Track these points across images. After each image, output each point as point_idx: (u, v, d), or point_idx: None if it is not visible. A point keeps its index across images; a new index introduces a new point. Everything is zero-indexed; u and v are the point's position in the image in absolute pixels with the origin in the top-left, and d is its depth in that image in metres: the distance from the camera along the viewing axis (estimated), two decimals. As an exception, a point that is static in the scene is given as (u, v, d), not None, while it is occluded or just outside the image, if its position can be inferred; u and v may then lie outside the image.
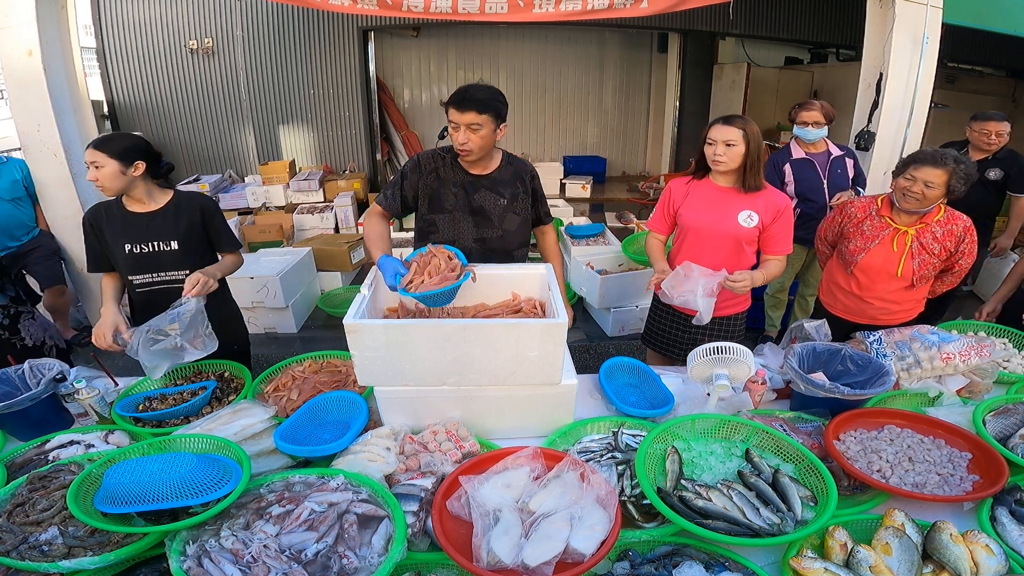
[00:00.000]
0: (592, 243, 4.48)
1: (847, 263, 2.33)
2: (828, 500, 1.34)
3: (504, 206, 2.12)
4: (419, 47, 7.80)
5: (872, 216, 2.29)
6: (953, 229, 2.20)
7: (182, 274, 2.10)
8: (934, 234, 2.20)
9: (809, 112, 3.22)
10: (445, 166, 2.10)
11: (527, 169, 2.19)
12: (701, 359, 1.77)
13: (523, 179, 2.16)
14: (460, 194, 2.09)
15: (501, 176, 2.12)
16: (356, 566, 1.18)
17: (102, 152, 1.96)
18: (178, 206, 2.11)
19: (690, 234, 2.23)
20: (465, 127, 1.92)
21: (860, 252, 2.28)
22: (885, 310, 2.33)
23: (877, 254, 2.25)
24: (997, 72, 7.64)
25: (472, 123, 1.91)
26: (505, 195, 2.12)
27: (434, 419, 1.67)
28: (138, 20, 6.34)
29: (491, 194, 2.10)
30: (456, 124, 1.93)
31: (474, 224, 2.12)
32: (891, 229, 2.24)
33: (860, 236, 2.29)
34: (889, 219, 2.25)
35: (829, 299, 2.48)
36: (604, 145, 8.93)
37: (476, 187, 2.09)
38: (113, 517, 1.29)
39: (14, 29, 3.01)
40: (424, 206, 2.13)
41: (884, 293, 2.30)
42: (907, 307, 2.35)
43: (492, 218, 2.12)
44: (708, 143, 2.11)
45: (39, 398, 1.73)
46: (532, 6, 3.56)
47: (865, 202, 2.34)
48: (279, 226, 5.34)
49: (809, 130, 3.23)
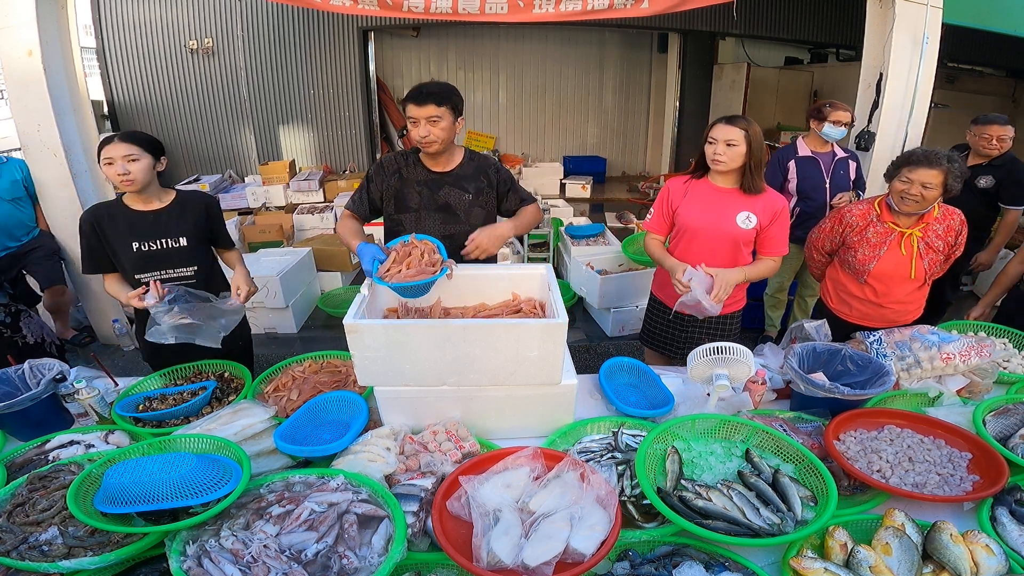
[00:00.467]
0: (592, 243, 4.48)
1: (858, 273, 2.30)
2: (828, 500, 1.34)
3: (469, 201, 2.16)
4: (419, 47, 7.80)
5: (874, 222, 2.26)
6: (951, 224, 2.22)
7: (190, 270, 2.13)
8: (936, 232, 2.21)
9: (843, 112, 3.22)
10: (408, 166, 2.14)
11: (490, 163, 2.22)
12: (701, 359, 1.77)
13: (486, 172, 2.19)
14: (424, 192, 2.13)
15: (464, 172, 2.15)
16: (356, 566, 1.18)
17: (137, 146, 1.97)
18: (183, 204, 2.14)
19: (687, 234, 2.23)
20: (425, 120, 1.96)
21: (871, 261, 2.25)
22: (902, 312, 2.34)
23: (888, 260, 2.23)
24: (997, 72, 7.64)
25: (431, 116, 1.95)
26: (470, 190, 2.15)
27: (434, 419, 1.67)
28: (138, 20, 6.35)
29: (455, 190, 2.13)
30: (415, 119, 1.97)
31: (441, 221, 2.15)
32: (896, 233, 2.22)
33: (866, 244, 2.26)
34: (892, 224, 2.23)
35: (844, 308, 2.42)
36: (604, 145, 8.93)
37: (440, 184, 2.13)
38: (113, 517, 1.29)
39: (14, 29, 3.01)
40: (390, 206, 2.17)
41: (901, 296, 2.30)
42: (919, 303, 2.37)
43: (459, 213, 2.15)
44: (709, 142, 2.11)
45: (39, 398, 1.73)
46: (532, 6, 3.55)
47: (863, 209, 2.30)
48: (279, 226, 5.34)
49: (841, 129, 3.23)
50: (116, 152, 1.94)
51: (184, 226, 2.11)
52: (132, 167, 1.95)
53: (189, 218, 2.13)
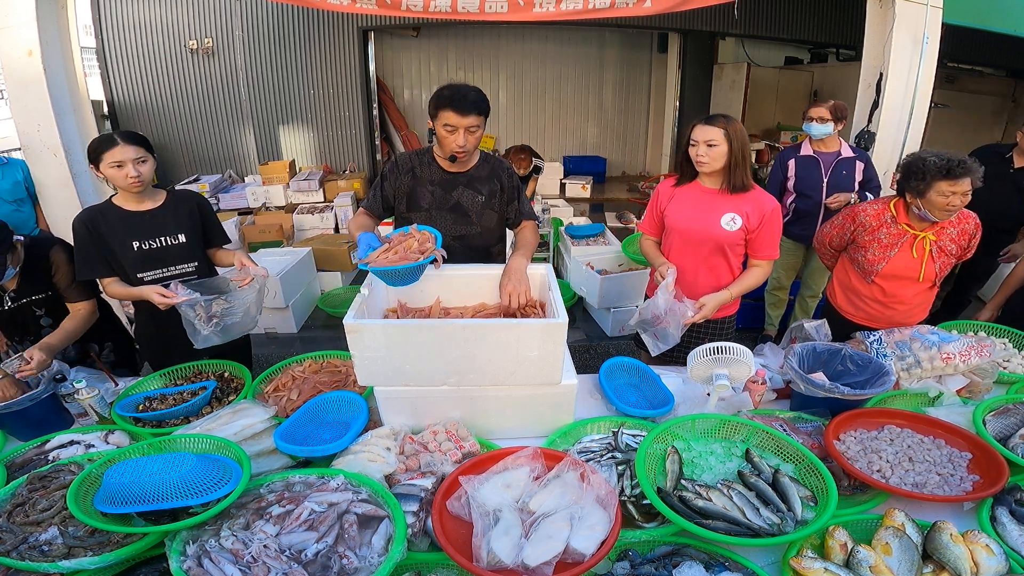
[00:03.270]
0: (592, 243, 4.48)
1: (866, 272, 2.29)
2: (828, 500, 1.34)
3: (482, 203, 2.14)
4: (419, 47, 7.80)
5: (887, 223, 2.23)
6: (966, 228, 2.19)
7: (191, 266, 2.15)
8: (950, 235, 2.19)
9: (816, 108, 3.27)
10: (421, 165, 2.12)
11: (504, 167, 2.20)
12: (701, 359, 1.77)
13: (500, 176, 2.17)
14: (437, 192, 2.11)
15: (479, 173, 2.13)
16: (356, 566, 1.18)
17: (143, 147, 1.98)
18: (177, 202, 2.16)
19: (674, 236, 2.22)
20: (465, 130, 1.92)
21: (880, 261, 2.24)
22: (908, 313, 2.33)
23: (898, 262, 2.22)
24: (997, 72, 7.63)
25: (472, 126, 1.92)
26: (483, 192, 2.13)
27: (434, 419, 1.67)
28: (138, 20, 6.34)
29: (469, 191, 2.12)
30: (453, 127, 1.92)
31: (452, 221, 2.13)
32: (909, 235, 2.20)
33: (877, 245, 2.24)
34: (907, 226, 2.20)
35: (851, 308, 2.42)
36: (604, 145, 8.93)
37: (454, 184, 2.11)
38: (113, 517, 1.29)
39: (14, 29, 3.01)
40: (402, 205, 2.15)
41: (909, 297, 2.29)
42: (926, 306, 2.36)
43: (471, 215, 2.14)
44: (691, 144, 2.09)
45: (39, 398, 1.73)
46: (532, 5, 3.54)
47: (878, 209, 2.27)
48: (279, 226, 5.34)
49: (814, 125, 3.27)
50: (126, 155, 1.94)
51: (181, 223, 2.13)
52: (142, 169, 1.97)
53: (185, 215, 2.15)
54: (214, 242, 2.27)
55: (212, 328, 1.93)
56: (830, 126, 3.25)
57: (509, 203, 2.22)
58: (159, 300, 1.93)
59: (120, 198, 2.08)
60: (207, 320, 1.92)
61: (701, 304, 2.06)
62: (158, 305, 1.95)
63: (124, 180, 1.95)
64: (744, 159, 2.05)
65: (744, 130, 2.07)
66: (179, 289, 1.93)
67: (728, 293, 2.13)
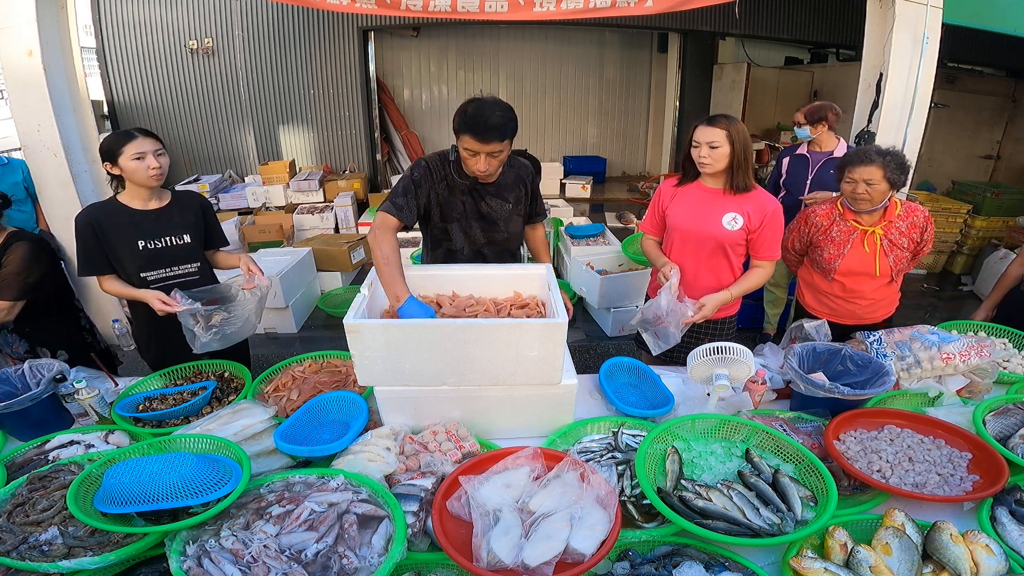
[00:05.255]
0: (592, 243, 4.48)
1: (826, 271, 2.38)
2: (828, 500, 1.34)
3: (510, 210, 2.15)
4: (419, 47, 7.80)
5: (837, 221, 2.32)
6: (916, 221, 2.27)
7: (194, 266, 2.17)
8: (899, 229, 2.26)
9: (796, 114, 3.46)
10: (452, 173, 2.06)
11: (527, 170, 2.20)
12: (701, 359, 1.77)
13: (524, 181, 2.18)
14: (468, 201, 2.09)
15: (505, 180, 2.12)
16: (356, 566, 1.18)
17: (160, 143, 2.01)
18: (182, 202, 2.18)
19: (676, 236, 2.23)
20: (486, 155, 1.84)
21: (836, 259, 2.32)
22: (870, 308, 2.40)
23: (853, 258, 2.30)
24: (997, 72, 7.63)
25: (494, 151, 1.84)
26: (510, 199, 2.14)
27: (434, 419, 1.67)
28: (138, 20, 6.35)
29: (497, 200, 2.11)
30: (474, 152, 1.84)
31: (482, 229, 2.14)
32: (859, 231, 2.28)
33: (831, 243, 2.33)
34: (855, 222, 2.29)
35: (816, 304, 2.51)
36: (604, 145, 8.94)
37: (483, 194, 2.09)
38: (113, 517, 1.29)
39: (14, 29, 3.01)
40: (436, 214, 2.09)
41: (868, 293, 2.36)
42: (889, 301, 2.44)
43: (499, 222, 2.14)
44: (693, 145, 2.09)
45: (39, 398, 1.73)
46: (533, 4, 3.54)
47: (827, 208, 2.37)
48: (279, 226, 5.34)
49: (797, 129, 3.46)
50: (147, 147, 1.97)
51: (186, 223, 2.14)
52: (162, 161, 2.00)
53: (189, 216, 2.16)
54: (213, 244, 2.28)
55: (211, 335, 1.94)
56: (806, 129, 3.39)
57: (530, 203, 2.25)
58: (160, 307, 1.94)
59: (126, 197, 2.07)
60: (206, 328, 1.93)
61: (701, 304, 2.06)
62: (158, 311, 1.96)
63: (145, 172, 1.97)
64: (746, 160, 2.05)
65: (746, 130, 2.07)
66: (180, 297, 1.93)
67: (728, 293, 2.13)
